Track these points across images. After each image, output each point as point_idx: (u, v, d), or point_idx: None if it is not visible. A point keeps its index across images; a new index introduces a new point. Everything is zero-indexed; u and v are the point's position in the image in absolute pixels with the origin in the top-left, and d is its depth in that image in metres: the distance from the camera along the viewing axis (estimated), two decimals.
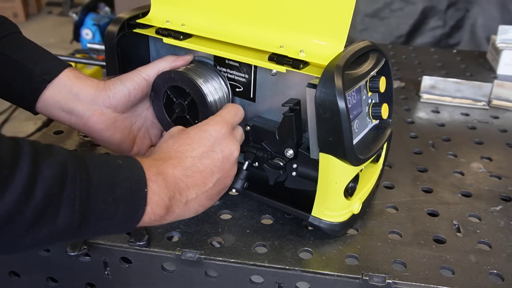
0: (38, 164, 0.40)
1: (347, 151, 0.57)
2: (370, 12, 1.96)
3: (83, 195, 0.43)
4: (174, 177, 0.53)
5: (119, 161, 0.48)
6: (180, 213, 0.55)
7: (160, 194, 0.50)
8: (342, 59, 0.56)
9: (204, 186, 0.56)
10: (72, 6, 3.77)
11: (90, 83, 0.67)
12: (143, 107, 0.73)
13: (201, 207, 0.57)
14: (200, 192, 0.56)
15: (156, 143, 0.75)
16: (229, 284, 0.62)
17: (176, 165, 0.54)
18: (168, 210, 0.52)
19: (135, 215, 0.48)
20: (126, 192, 0.47)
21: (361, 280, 0.58)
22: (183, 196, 0.54)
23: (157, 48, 0.76)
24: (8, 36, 0.66)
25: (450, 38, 1.94)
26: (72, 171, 0.43)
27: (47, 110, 0.67)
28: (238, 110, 0.64)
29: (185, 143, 0.57)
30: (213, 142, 0.58)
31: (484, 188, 0.78)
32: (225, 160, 0.58)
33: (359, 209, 0.65)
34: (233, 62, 0.68)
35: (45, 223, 0.41)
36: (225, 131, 0.59)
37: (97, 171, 0.45)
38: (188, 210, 0.56)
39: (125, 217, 0.47)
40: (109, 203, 0.45)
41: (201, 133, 0.58)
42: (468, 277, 0.59)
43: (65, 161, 0.43)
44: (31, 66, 0.64)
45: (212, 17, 0.67)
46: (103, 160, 0.48)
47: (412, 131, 0.96)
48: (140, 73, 0.69)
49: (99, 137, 0.69)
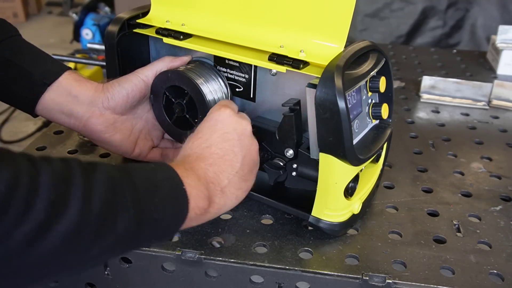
0: (88, 176, 0.42)
1: (347, 151, 0.57)
2: (370, 12, 1.96)
3: (134, 199, 0.44)
4: (201, 169, 0.54)
5: (151, 165, 0.50)
6: (221, 202, 0.55)
7: (196, 187, 0.51)
8: (342, 59, 0.56)
9: (233, 169, 0.57)
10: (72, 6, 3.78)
11: (89, 85, 0.68)
12: (144, 109, 0.74)
13: (239, 191, 0.58)
14: (231, 176, 0.56)
15: (157, 144, 0.76)
16: (229, 284, 0.62)
17: (197, 159, 0.55)
18: (209, 200, 0.53)
19: (182, 212, 0.49)
20: (168, 191, 0.48)
21: (361, 280, 0.58)
22: (216, 184, 0.55)
23: (157, 48, 0.76)
24: (8, 39, 0.66)
25: (450, 38, 1.94)
26: (118, 178, 0.44)
27: (47, 113, 0.67)
28: (231, 101, 0.65)
29: (197, 138, 0.58)
30: (222, 125, 0.58)
31: (484, 188, 0.78)
32: (242, 137, 0.58)
33: (359, 209, 0.65)
34: (233, 62, 0.68)
35: (107, 230, 0.42)
36: (229, 111, 0.59)
37: (138, 175, 0.47)
38: (227, 197, 0.56)
39: (174, 216, 0.49)
40: (157, 204, 0.46)
41: (207, 123, 0.59)
42: (468, 277, 0.59)
43: (109, 170, 0.44)
44: (31, 69, 0.65)
45: (212, 17, 0.67)
46: (139, 166, 0.49)
47: (412, 131, 0.96)
48: (138, 75, 0.69)
49: (98, 138, 0.69)
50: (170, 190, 0.49)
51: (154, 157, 0.74)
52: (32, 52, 0.67)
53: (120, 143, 0.70)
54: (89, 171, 0.42)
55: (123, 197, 0.43)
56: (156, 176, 0.48)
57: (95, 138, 0.69)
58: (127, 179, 0.45)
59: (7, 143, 2.55)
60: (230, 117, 0.59)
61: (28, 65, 0.65)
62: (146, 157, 0.73)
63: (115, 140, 0.70)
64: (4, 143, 2.55)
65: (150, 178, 0.48)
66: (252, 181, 0.60)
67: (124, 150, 0.71)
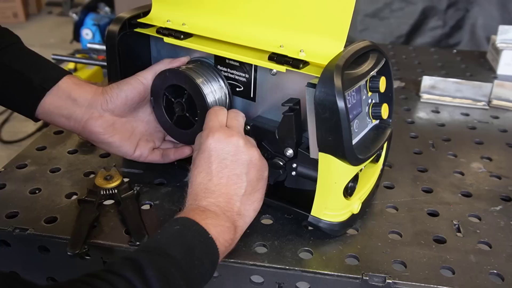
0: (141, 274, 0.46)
1: (347, 150, 0.57)
2: (370, 12, 1.96)
3: (182, 275, 0.48)
4: (213, 204, 0.57)
5: (176, 227, 0.53)
6: (241, 223, 0.59)
7: (218, 224, 0.55)
8: (342, 59, 0.56)
9: (240, 190, 0.59)
10: (72, 6, 3.77)
11: (89, 88, 0.69)
12: (146, 112, 0.75)
13: (255, 203, 0.61)
14: (240, 197, 0.59)
15: (159, 146, 0.76)
16: (229, 284, 0.62)
17: (206, 197, 0.58)
18: (234, 229, 0.57)
19: (215, 256, 0.53)
20: (201, 247, 0.52)
21: (361, 280, 0.58)
22: (231, 211, 0.58)
23: (158, 48, 0.76)
24: (9, 47, 0.68)
25: (450, 38, 1.93)
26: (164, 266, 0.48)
27: (47, 116, 0.68)
28: (217, 110, 0.64)
29: (198, 173, 0.60)
30: (216, 153, 0.60)
31: (484, 188, 0.78)
32: (236, 156, 0.60)
33: (358, 209, 0.65)
34: (233, 62, 0.68)
35: None
36: (217, 135, 0.60)
37: (175, 248, 0.50)
38: (245, 216, 0.60)
39: (211, 264, 0.53)
40: (197, 265, 0.51)
41: (201, 155, 0.60)
42: (468, 277, 0.59)
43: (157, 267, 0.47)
44: (31, 74, 0.66)
45: (212, 17, 0.67)
46: (168, 237, 0.52)
47: (412, 131, 0.96)
48: (137, 77, 0.70)
49: (97, 140, 0.70)
50: (203, 245, 0.52)
51: (154, 158, 0.74)
52: (32, 58, 0.69)
53: (119, 144, 0.71)
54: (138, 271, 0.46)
55: (175, 281, 0.47)
56: (186, 239, 0.52)
57: (94, 139, 0.70)
58: (169, 261, 0.49)
59: (7, 143, 2.55)
60: (219, 142, 0.60)
61: (28, 70, 0.66)
62: (147, 158, 0.74)
63: (114, 141, 0.70)
64: (4, 143, 2.56)
65: (183, 244, 0.51)
66: (263, 187, 0.62)
67: (124, 151, 0.72)
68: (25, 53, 0.69)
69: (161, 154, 0.75)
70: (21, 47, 0.69)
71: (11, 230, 0.64)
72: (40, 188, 0.73)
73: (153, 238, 0.53)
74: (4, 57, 0.66)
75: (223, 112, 0.64)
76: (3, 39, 0.68)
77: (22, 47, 0.69)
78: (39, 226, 0.65)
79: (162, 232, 0.53)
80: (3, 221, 0.66)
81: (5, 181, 0.75)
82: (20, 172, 0.77)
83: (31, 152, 0.83)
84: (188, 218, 0.54)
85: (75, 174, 0.77)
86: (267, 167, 0.63)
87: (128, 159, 0.74)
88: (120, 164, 0.79)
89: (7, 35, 0.69)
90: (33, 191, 0.73)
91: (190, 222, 0.53)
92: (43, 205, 0.69)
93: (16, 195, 0.72)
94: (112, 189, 0.70)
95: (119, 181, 0.71)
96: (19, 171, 0.78)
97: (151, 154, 0.74)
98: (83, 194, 0.71)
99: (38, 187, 0.74)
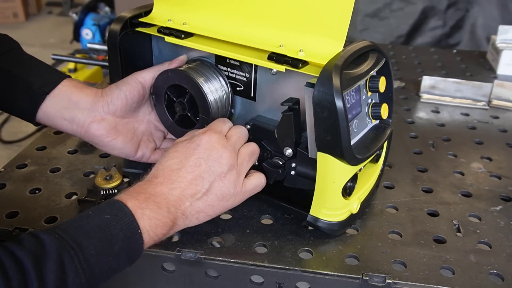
0: (41, 271, 0.44)
1: (345, 150, 0.57)
2: (370, 12, 1.96)
3: (86, 272, 0.47)
4: (163, 194, 0.56)
5: (106, 216, 0.51)
6: (183, 223, 0.59)
7: (155, 217, 0.54)
8: (341, 59, 0.56)
9: (196, 193, 0.59)
10: (72, 6, 3.77)
11: (89, 91, 0.69)
12: (146, 112, 0.75)
13: (201, 214, 0.60)
14: (193, 200, 0.58)
15: (159, 146, 0.77)
16: (229, 284, 0.62)
17: (163, 182, 0.57)
18: (172, 222, 0.56)
19: (136, 252, 0.53)
20: (123, 243, 0.51)
21: (361, 280, 0.58)
22: (177, 208, 0.57)
23: (159, 47, 0.77)
24: (9, 52, 0.68)
25: (450, 38, 1.93)
26: (69, 260, 0.46)
27: (48, 120, 0.68)
28: (226, 120, 0.67)
29: (172, 157, 0.60)
30: (200, 150, 0.60)
31: (484, 188, 0.78)
32: (214, 164, 0.60)
33: (357, 208, 0.65)
34: (233, 61, 0.68)
35: None
36: (212, 137, 0.61)
37: (92, 242, 0.49)
38: (188, 220, 0.59)
39: (128, 259, 0.52)
40: (111, 261, 0.50)
41: (187, 144, 0.61)
42: (468, 277, 0.59)
43: (60, 254, 0.46)
44: (31, 78, 0.67)
45: (213, 17, 0.67)
46: (93, 225, 0.50)
47: (412, 131, 0.96)
48: (135, 77, 0.71)
49: (101, 143, 0.70)
50: (125, 242, 0.51)
51: (156, 158, 0.75)
52: (32, 63, 0.69)
53: (122, 146, 0.71)
54: (41, 262, 0.45)
55: (76, 277, 0.46)
56: (111, 232, 0.50)
57: (97, 142, 0.70)
58: (79, 255, 0.47)
59: (7, 143, 2.55)
60: (210, 142, 0.61)
61: (28, 74, 0.67)
62: (149, 158, 0.74)
63: (117, 143, 0.70)
64: (4, 143, 2.55)
65: (104, 238, 0.50)
66: (221, 209, 0.61)
67: (127, 152, 0.72)
68: (25, 58, 0.69)
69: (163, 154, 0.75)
70: (21, 52, 0.70)
71: (11, 230, 0.64)
72: (40, 188, 0.73)
73: (78, 221, 0.51)
74: (4, 62, 0.67)
75: (229, 124, 0.66)
76: (2, 44, 0.68)
77: (21, 52, 0.70)
78: (39, 226, 0.65)
79: (91, 217, 0.51)
80: (3, 221, 0.66)
81: (5, 181, 0.75)
82: (20, 172, 0.77)
83: (31, 152, 0.83)
84: (125, 206, 0.53)
85: (75, 174, 0.77)
86: (237, 197, 0.62)
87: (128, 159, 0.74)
88: (120, 164, 0.79)
89: (7, 41, 0.69)
90: (33, 191, 0.73)
91: (124, 212, 0.52)
92: (43, 205, 0.69)
93: (16, 195, 0.72)
94: (112, 189, 0.70)
95: (119, 181, 0.71)
96: (19, 171, 0.78)
97: (153, 155, 0.74)
98: (83, 194, 0.71)
99: (38, 187, 0.74)
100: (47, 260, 0.45)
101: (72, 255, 0.47)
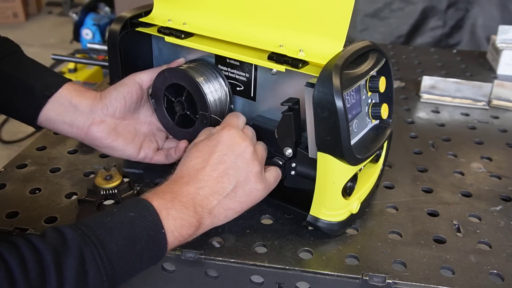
0: (61, 266, 0.44)
1: (345, 150, 0.57)
2: (370, 12, 1.96)
3: (108, 270, 0.47)
4: (189, 194, 0.56)
5: (130, 214, 0.51)
6: (211, 223, 0.58)
7: (181, 217, 0.54)
8: (341, 59, 0.56)
9: (224, 191, 0.58)
10: (72, 6, 3.78)
11: (88, 94, 0.70)
12: (147, 113, 0.75)
13: (229, 211, 0.59)
14: (221, 198, 0.58)
15: (162, 146, 0.77)
16: (229, 284, 0.62)
17: (189, 182, 0.57)
18: (198, 222, 0.56)
19: (160, 253, 0.52)
20: (146, 242, 0.50)
21: (361, 280, 0.58)
22: (204, 207, 0.57)
23: (159, 47, 0.77)
24: (10, 56, 0.68)
25: (450, 38, 1.93)
26: (90, 256, 0.46)
27: (49, 124, 0.69)
28: (239, 115, 0.66)
29: (195, 157, 0.59)
30: (222, 147, 0.59)
31: (484, 188, 0.78)
32: (238, 159, 0.59)
33: (357, 208, 0.65)
34: (233, 61, 0.68)
35: None
36: (233, 132, 0.61)
37: (114, 239, 0.48)
38: (215, 217, 0.58)
39: (151, 259, 0.52)
40: (133, 260, 0.49)
41: (208, 142, 0.60)
42: (468, 277, 0.59)
43: (81, 250, 0.46)
44: (32, 82, 0.67)
45: (213, 16, 0.67)
46: (116, 223, 0.50)
47: (412, 131, 0.96)
48: (133, 78, 0.71)
49: (101, 144, 0.70)
50: (149, 240, 0.51)
51: (159, 159, 0.75)
52: (33, 67, 0.69)
53: (123, 147, 0.71)
54: (61, 258, 0.44)
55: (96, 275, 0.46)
56: (134, 230, 0.50)
57: (98, 144, 0.71)
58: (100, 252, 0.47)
59: (7, 143, 2.55)
60: (231, 138, 0.60)
61: (29, 78, 0.67)
62: (152, 159, 0.74)
63: (118, 145, 0.71)
64: (4, 143, 2.56)
65: (127, 236, 0.49)
66: (249, 204, 0.61)
67: (128, 154, 0.72)
68: (26, 62, 0.69)
69: (165, 154, 0.75)
70: (22, 56, 0.70)
71: (11, 230, 0.64)
72: (40, 188, 0.73)
73: (102, 218, 0.50)
74: (5, 66, 0.67)
75: (243, 118, 0.66)
76: (4, 48, 0.68)
77: (23, 56, 0.70)
78: (39, 226, 0.65)
79: (115, 214, 0.51)
80: (3, 221, 0.66)
81: (5, 181, 0.75)
82: (20, 172, 0.77)
83: (31, 152, 0.83)
84: (150, 204, 0.52)
85: (75, 174, 0.77)
86: (263, 191, 0.61)
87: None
88: (120, 164, 0.79)
89: (8, 44, 0.70)
90: (33, 191, 0.73)
91: (149, 210, 0.52)
92: (43, 205, 0.69)
93: (16, 195, 0.72)
94: (112, 189, 0.70)
95: (119, 181, 0.71)
96: (19, 171, 0.78)
97: (156, 155, 0.74)
98: (83, 194, 0.71)
99: (38, 187, 0.74)
100: (68, 255, 0.45)
101: (94, 251, 0.46)
